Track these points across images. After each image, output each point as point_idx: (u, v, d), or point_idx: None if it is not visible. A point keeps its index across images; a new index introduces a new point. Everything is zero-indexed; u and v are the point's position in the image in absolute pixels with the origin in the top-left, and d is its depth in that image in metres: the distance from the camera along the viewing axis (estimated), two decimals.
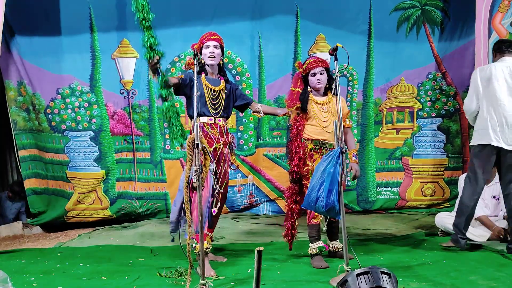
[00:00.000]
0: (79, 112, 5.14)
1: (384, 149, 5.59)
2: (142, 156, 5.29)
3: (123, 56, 5.23)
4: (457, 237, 3.63)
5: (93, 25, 5.12)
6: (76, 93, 5.13)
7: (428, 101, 5.54)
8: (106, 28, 5.14)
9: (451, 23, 5.43)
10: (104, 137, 5.18)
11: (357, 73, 5.52)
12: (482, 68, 3.69)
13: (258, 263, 1.76)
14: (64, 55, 5.09)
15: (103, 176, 5.19)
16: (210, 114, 3.36)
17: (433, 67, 5.51)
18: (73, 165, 5.13)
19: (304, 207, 3.12)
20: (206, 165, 2.74)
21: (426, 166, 5.55)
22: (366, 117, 5.56)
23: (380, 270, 2.24)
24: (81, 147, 5.15)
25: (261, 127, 5.49)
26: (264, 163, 5.49)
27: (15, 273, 3.24)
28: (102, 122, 5.19)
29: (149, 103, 5.29)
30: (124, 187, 5.26)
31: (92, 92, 5.17)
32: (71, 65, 5.12)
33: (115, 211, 5.19)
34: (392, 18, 5.48)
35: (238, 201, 5.46)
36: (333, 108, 3.43)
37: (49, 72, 5.06)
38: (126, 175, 5.26)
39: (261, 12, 5.38)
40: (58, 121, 5.12)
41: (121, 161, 5.26)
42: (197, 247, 2.98)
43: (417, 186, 5.54)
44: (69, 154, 5.12)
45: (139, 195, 5.27)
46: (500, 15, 4.71)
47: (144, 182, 5.31)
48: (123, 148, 5.26)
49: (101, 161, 5.18)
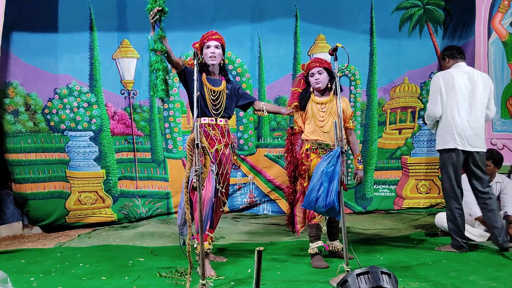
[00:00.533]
0: (78, 112, 5.09)
1: (386, 150, 5.62)
2: (143, 156, 5.29)
3: (124, 57, 5.20)
4: (460, 242, 3.64)
5: (93, 25, 5.09)
6: (75, 93, 5.08)
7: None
8: (106, 28, 5.11)
9: (453, 22, 5.42)
10: (104, 137, 5.14)
11: (360, 73, 5.50)
12: (443, 73, 3.76)
13: (258, 263, 1.76)
14: (62, 55, 5.04)
15: (103, 176, 5.18)
16: (211, 114, 3.35)
17: (436, 66, 5.49)
18: (73, 165, 5.10)
19: (304, 207, 3.12)
20: (207, 165, 2.74)
21: (421, 164, 5.62)
22: (369, 118, 5.55)
23: (380, 270, 2.24)
24: (80, 147, 5.09)
25: (262, 128, 5.48)
26: (265, 164, 5.49)
27: (15, 273, 3.23)
28: (102, 122, 5.14)
29: (150, 104, 5.29)
30: (126, 185, 5.26)
31: (92, 92, 5.11)
32: (69, 65, 5.06)
33: (117, 209, 5.18)
34: (394, 17, 5.47)
35: (238, 199, 5.48)
36: (333, 108, 3.41)
37: (46, 71, 4.99)
38: (128, 173, 5.27)
39: (261, 14, 5.39)
40: (57, 121, 5.02)
41: (121, 160, 5.24)
42: (198, 248, 2.93)
43: (413, 183, 5.61)
44: (69, 153, 5.08)
45: (142, 193, 5.28)
46: (500, 15, 4.72)
47: (147, 180, 5.31)
48: (124, 148, 5.25)
49: (101, 160, 5.17)
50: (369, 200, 5.58)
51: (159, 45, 3.04)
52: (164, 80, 3.10)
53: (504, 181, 4.07)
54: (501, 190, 4.04)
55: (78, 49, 5.08)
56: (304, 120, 3.49)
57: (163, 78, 3.09)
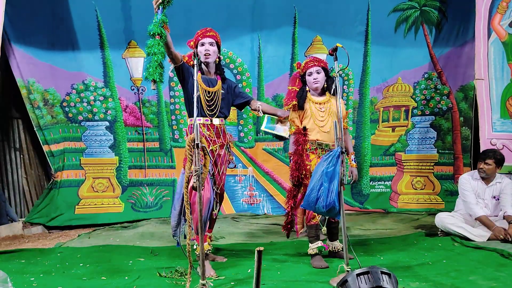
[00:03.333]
0: (95, 105, 5.54)
1: (379, 146, 5.82)
2: (152, 146, 5.67)
3: (132, 56, 5.60)
4: None
5: (100, 27, 5.43)
6: (91, 88, 5.52)
7: (423, 99, 5.70)
8: (114, 30, 5.45)
9: (448, 24, 5.53)
10: (118, 127, 5.61)
11: (353, 73, 5.72)
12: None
13: (258, 263, 1.76)
14: (76, 54, 5.43)
15: (116, 163, 5.56)
16: (205, 114, 3.32)
17: (429, 67, 5.64)
18: (89, 152, 5.53)
19: (304, 208, 3.11)
20: (206, 165, 2.74)
21: (416, 161, 5.76)
22: (362, 115, 5.79)
23: (380, 270, 2.24)
24: (97, 135, 5.56)
25: (261, 123, 5.59)
26: (263, 157, 5.78)
27: (15, 273, 3.24)
28: (117, 113, 5.60)
29: (158, 98, 5.67)
30: (135, 174, 5.63)
31: (107, 87, 5.56)
32: (83, 63, 5.46)
33: (125, 199, 5.52)
34: (390, 19, 5.61)
35: (239, 192, 5.73)
36: (331, 108, 3.42)
37: (62, 69, 5.39)
38: (137, 163, 5.64)
39: (261, 16, 5.57)
40: (75, 113, 5.50)
41: (132, 150, 5.64)
42: (198, 248, 2.94)
43: (407, 179, 5.77)
44: (85, 142, 5.52)
45: (150, 181, 5.64)
46: (498, 16, 4.72)
47: (155, 169, 5.68)
48: (134, 138, 5.65)
49: (115, 148, 5.61)
50: (366, 196, 5.76)
51: (158, 29, 2.98)
52: (159, 64, 3.02)
53: (504, 181, 4.07)
54: (501, 190, 4.04)
55: (90, 50, 5.46)
56: (301, 120, 3.47)
57: (158, 61, 3.01)
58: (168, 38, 3.10)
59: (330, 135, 3.35)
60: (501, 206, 4.04)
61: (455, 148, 5.62)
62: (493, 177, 4.09)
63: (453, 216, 4.14)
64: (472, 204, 4.00)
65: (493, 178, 4.09)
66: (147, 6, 3.17)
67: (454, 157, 5.64)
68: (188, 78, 3.30)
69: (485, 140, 4.67)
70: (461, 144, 5.56)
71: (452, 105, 5.60)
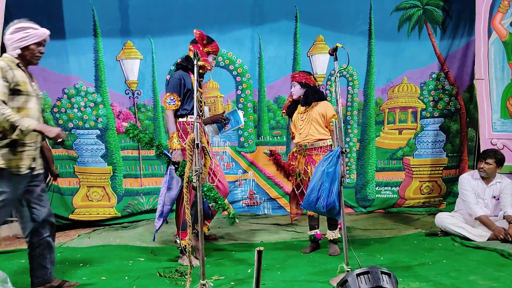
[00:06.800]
0: (85, 112, 5.23)
1: (385, 149, 5.59)
2: (147, 154, 5.37)
3: (128, 58, 5.31)
4: None
5: (96, 28, 5.19)
6: (81, 93, 5.21)
7: (431, 101, 5.51)
8: (109, 31, 5.21)
9: (453, 23, 5.42)
10: (110, 136, 5.29)
11: (357, 73, 5.52)
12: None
13: (258, 263, 1.76)
14: (68, 56, 5.18)
15: (110, 172, 5.30)
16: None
17: (436, 67, 5.48)
18: (81, 161, 5.24)
19: (304, 208, 3.14)
20: (206, 165, 2.75)
21: (426, 166, 5.56)
22: (367, 117, 5.56)
23: (380, 270, 2.24)
24: (88, 144, 5.26)
25: (262, 126, 5.56)
26: (264, 161, 5.52)
27: (15, 273, 3.24)
28: (108, 121, 5.29)
29: (154, 103, 5.39)
30: (131, 183, 5.39)
31: (98, 93, 5.26)
32: (75, 66, 5.21)
33: (121, 209, 5.28)
34: (393, 18, 5.47)
35: (239, 195, 5.58)
36: (311, 116, 3.77)
37: (54, 72, 5.12)
38: (132, 171, 5.40)
39: (261, 15, 5.43)
40: (65, 120, 5.21)
41: (127, 158, 5.38)
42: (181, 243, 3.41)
43: (416, 185, 5.56)
44: (77, 150, 5.22)
45: (146, 191, 5.40)
46: (500, 15, 4.71)
47: (151, 177, 5.45)
48: (129, 146, 5.37)
49: (108, 158, 5.30)
50: (371, 201, 5.57)
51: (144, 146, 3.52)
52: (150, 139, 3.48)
53: (504, 181, 4.07)
54: (501, 190, 4.04)
55: (83, 51, 5.21)
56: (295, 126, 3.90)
57: (148, 139, 3.46)
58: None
59: (302, 136, 3.81)
60: (501, 206, 4.04)
61: (462, 150, 5.48)
62: (493, 177, 4.09)
63: (453, 216, 4.14)
64: (472, 203, 3.99)
65: (493, 178, 4.09)
66: (144, 5, 3.15)
67: (460, 159, 5.50)
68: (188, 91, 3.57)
69: (485, 140, 4.66)
70: (466, 145, 5.46)
71: (460, 106, 5.44)
